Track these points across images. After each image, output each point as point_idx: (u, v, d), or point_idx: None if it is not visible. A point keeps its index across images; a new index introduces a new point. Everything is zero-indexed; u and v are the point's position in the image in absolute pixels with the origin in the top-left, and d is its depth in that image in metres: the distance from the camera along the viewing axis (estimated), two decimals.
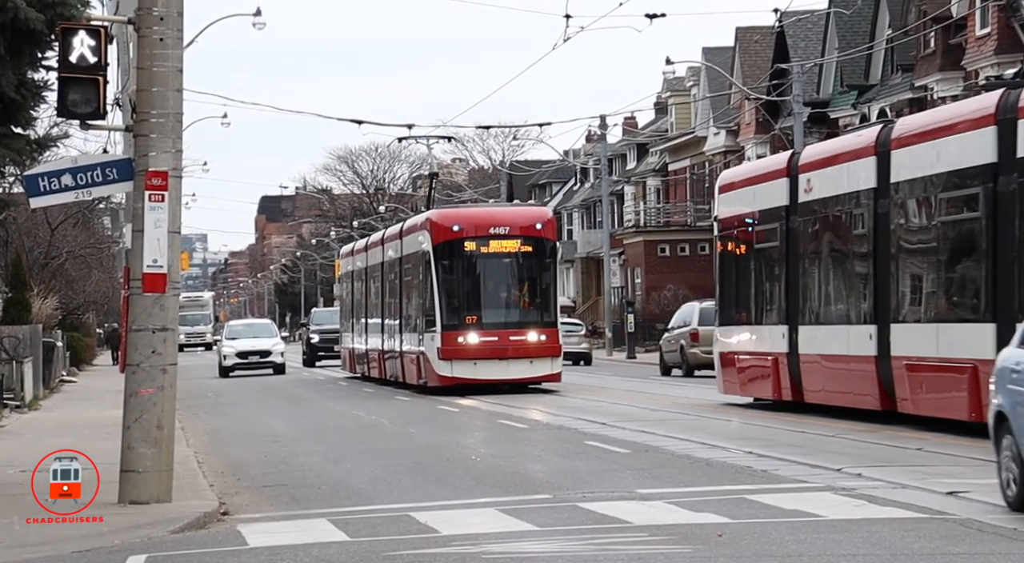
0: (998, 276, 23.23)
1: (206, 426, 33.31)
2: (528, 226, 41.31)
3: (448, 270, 41.11)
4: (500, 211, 43.99)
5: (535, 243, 41.15)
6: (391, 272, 48.34)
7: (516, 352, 40.40)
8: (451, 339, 40.41)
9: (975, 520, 14.73)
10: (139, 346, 17.95)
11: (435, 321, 40.76)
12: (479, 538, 14.77)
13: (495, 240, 41.04)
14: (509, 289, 41.51)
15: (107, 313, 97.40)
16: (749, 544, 13.86)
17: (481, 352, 40.40)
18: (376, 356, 50.73)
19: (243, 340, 63.31)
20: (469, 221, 41.55)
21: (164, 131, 18.04)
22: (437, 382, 40.91)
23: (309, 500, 18.75)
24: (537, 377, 40.85)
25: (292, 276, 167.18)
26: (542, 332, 40.54)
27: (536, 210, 44.38)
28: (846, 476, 18.78)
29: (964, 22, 54.62)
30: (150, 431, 17.89)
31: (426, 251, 41.63)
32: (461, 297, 41.17)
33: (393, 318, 47.49)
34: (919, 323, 25.68)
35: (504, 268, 41.34)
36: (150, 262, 17.93)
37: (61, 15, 19.66)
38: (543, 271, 41.32)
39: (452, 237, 41.12)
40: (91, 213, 73.22)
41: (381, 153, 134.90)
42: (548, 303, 41.24)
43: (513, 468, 21.49)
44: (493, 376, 40.41)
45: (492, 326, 40.65)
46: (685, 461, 21.51)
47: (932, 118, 26.59)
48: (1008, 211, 22.95)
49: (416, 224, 44.61)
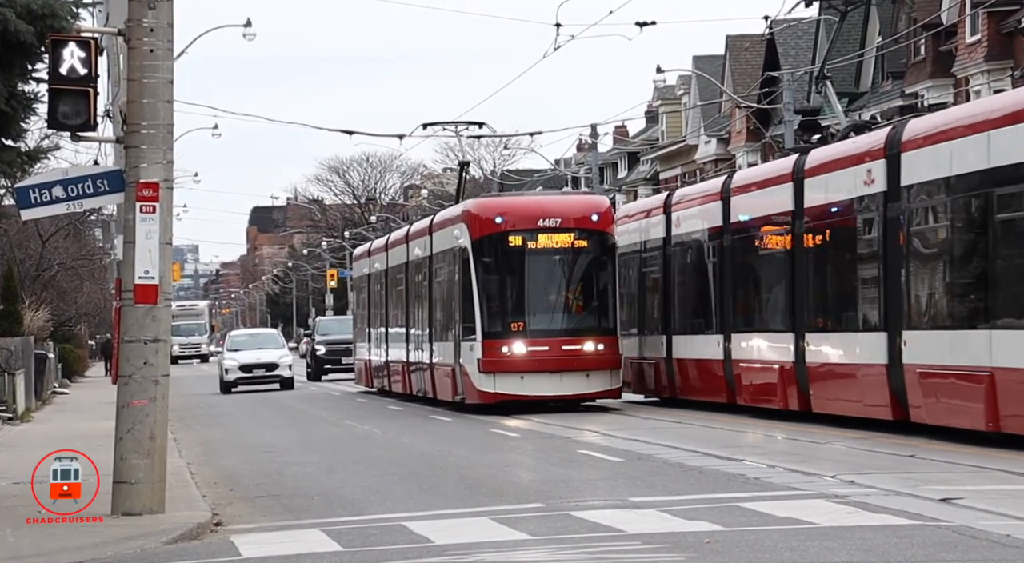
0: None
1: (199, 437, 33.29)
2: (583, 217, 35.82)
3: (490, 269, 35.84)
4: (550, 200, 37.43)
5: (590, 237, 35.76)
6: (418, 273, 42.65)
7: (570, 364, 35.02)
8: (494, 349, 35.22)
9: (968, 527, 14.69)
10: (131, 357, 17.95)
11: (475, 329, 35.58)
12: (472, 547, 14.76)
13: (544, 234, 35.67)
14: (561, 291, 35.94)
15: (99, 324, 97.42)
16: (742, 552, 13.85)
17: (529, 364, 35.08)
18: (400, 369, 45.20)
19: (247, 352, 57.11)
20: (514, 212, 36.06)
21: (155, 142, 18.05)
22: (477, 399, 35.67)
23: (302, 510, 18.75)
24: (594, 393, 35.39)
25: (284, 286, 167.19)
26: (600, 341, 35.16)
27: (592, 199, 38.20)
28: (839, 483, 18.77)
29: (954, 29, 54.74)
30: (143, 442, 17.89)
31: (463, 248, 36.31)
32: (505, 301, 35.86)
33: (421, 326, 41.85)
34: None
35: (555, 266, 35.83)
36: (142, 273, 17.93)
37: (51, 27, 19.68)
38: (600, 270, 35.82)
39: (494, 231, 35.72)
40: (82, 225, 73.22)
41: (372, 163, 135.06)
42: (606, 307, 35.76)
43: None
44: (543, 392, 35.14)
45: (541, 334, 35.27)
46: (678, 469, 21.52)
47: (758, 171, 35.15)
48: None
49: (450, 217, 38.70)
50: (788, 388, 29.70)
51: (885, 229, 25.87)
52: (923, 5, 55.52)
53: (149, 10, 17.90)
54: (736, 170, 36.19)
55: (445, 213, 40.37)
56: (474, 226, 36.01)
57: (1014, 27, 52.12)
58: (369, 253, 52.57)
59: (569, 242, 35.66)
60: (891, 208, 25.68)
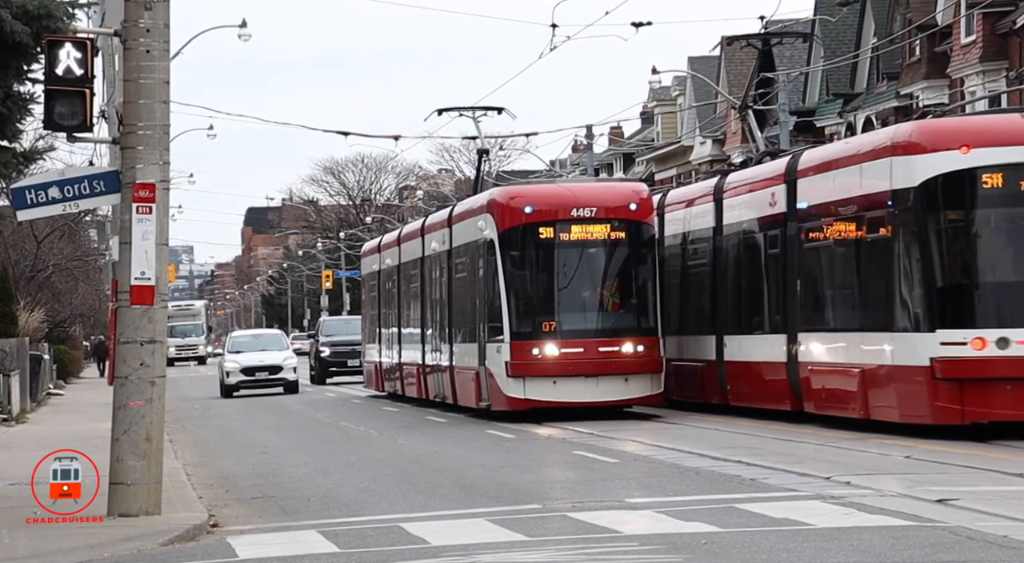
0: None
1: (194, 438, 33.27)
2: (620, 206, 32.70)
3: (518, 264, 32.75)
4: (584, 188, 34.04)
5: (629, 228, 32.66)
6: (436, 268, 39.39)
7: (607, 367, 31.89)
8: (523, 351, 32.13)
9: (965, 528, 14.70)
10: (127, 358, 17.94)
11: (501, 329, 32.50)
12: (469, 548, 14.75)
13: (579, 225, 32.45)
14: (597, 287, 32.69)
15: (94, 325, 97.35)
16: (739, 553, 13.85)
17: (562, 367, 31.93)
18: (415, 372, 41.60)
19: (249, 354, 53.64)
20: (545, 201, 32.93)
21: (151, 143, 18.04)
22: (504, 405, 32.54)
23: (298, 511, 18.73)
24: (633, 399, 32.35)
25: (279, 287, 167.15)
26: (639, 342, 32.08)
27: (629, 186, 34.55)
28: (835, 484, 18.77)
29: (949, 30, 54.78)
30: (139, 443, 17.87)
31: (489, 240, 33.26)
32: (535, 298, 32.67)
33: (440, 326, 38.62)
34: None
35: (590, 260, 32.68)
36: (138, 274, 17.91)
37: (47, 28, 19.67)
38: (639, 264, 32.70)
39: (523, 221, 32.63)
40: (77, 225, 73.21)
41: (367, 164, 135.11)
42: (646, 304, 32.59)
43: (503, 478, 21.48)
44: (577, 398, 31.93)
45: (575, 334, 32.19)
46: (674, 470, 21.53)
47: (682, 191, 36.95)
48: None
49: (473, 207, 35.58)
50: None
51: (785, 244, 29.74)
52: (918, 6, 55.56)
53: (145, 11, 17.90)
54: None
55: (467, 203, 37.38)
56: (501, 217, 32.99)
57: (1009, 28, 52.15)
58: (379, 248, 49.13)
59: (605, 233, 32.62)
60: (790, 227, 29.45)
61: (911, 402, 25.08)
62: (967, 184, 24.58)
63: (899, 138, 25.60)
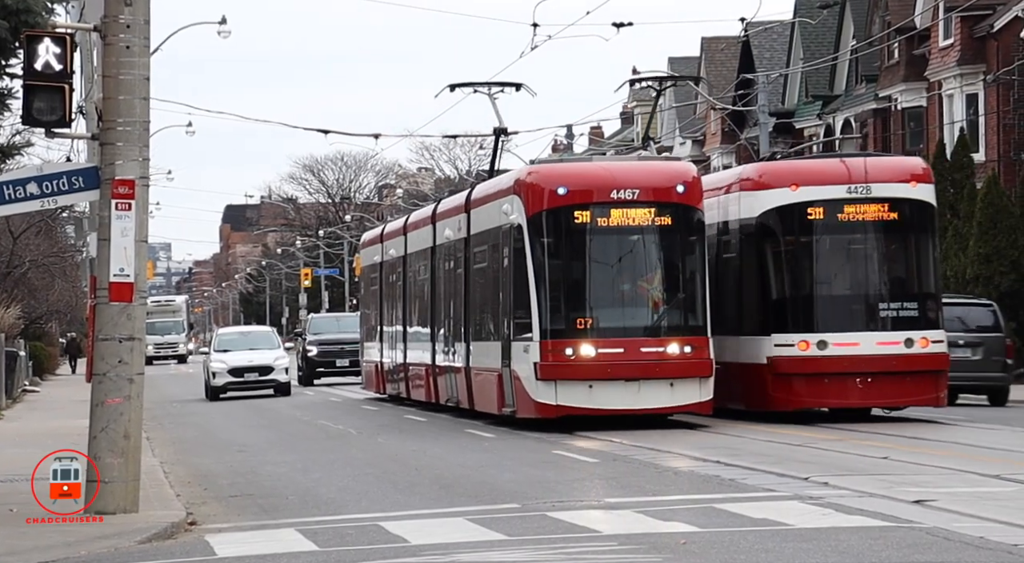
0: None
1: (172, 436, 33.20)
2: (666, 188, 29.17)
3: (550, 252, 29.03)
4: (625, 167, 30.32)
5: (675, 212, 29.10)
6: (450, 259, 35.75)
7: (650, 370, 28.33)
8: (555, 351, 28.49)
9: (942, 528, 14.73)
10: (106, 356, 17.89)
11: (530, 326, 28.81)
12: (449, 547, 14.74)
13: (618, 208, 28.89)
14: (639, 279, 29.14)
15: (71, 322, 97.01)
16: (718, 553, 13.86)
17: (599, 370, 28.33)
18: (423, 373, 37.85)
19: (237, 353, 49.28)
20: (581, 181, 29.31)
21: (131, 139, 17.99)
22: (532, 412, 28.94)
23: (277, 510, 18.71)
24: (679, 407, 28.67)
25: (257, 285, 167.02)
26: (687, 342, 28.52)
27: (676, 166, 30.84)
28: (813, 485, 18.80)
29: (928, 33, 54.97)
30: (117, 441, 17.83)
31: (516, 226, 29.52)
32: (569, 291, 29.04)
33: (454, 322, 34.97)
34: None
35: (632, 249, 29.15)
36: (117, 271, 17.87)
37: (26, 23, 19.59)
38: (687, 253, 29.19)
39: (557, 204, 29.00)
40: (54, 222, 73.00)
41: (347, 162, 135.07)
42: (694, 299, 29.10)
43: (482, 477, 21.48)
44: (615, 405, 28.38)
45: (615, 332, 28.64)
46: (652, 470, 21.53)
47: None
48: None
49: (497, 189, 31.81)
50: None
51: None
52: (897, 9, 55.74)
53: (126, 6, 17.85)
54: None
55: (489, 185, 33.56)
56: (531, 199, 29.30)
57: (987, 31, 52.35)
58: (382, 238, 44.93)
59: (649, 219, 28.96)
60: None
61: (753, 393, 30.16)
62: (796, 216, 29.67)
63: (744, 175, 31.00)
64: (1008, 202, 45.47)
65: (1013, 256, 44.70)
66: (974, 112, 52.82)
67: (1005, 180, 48.39)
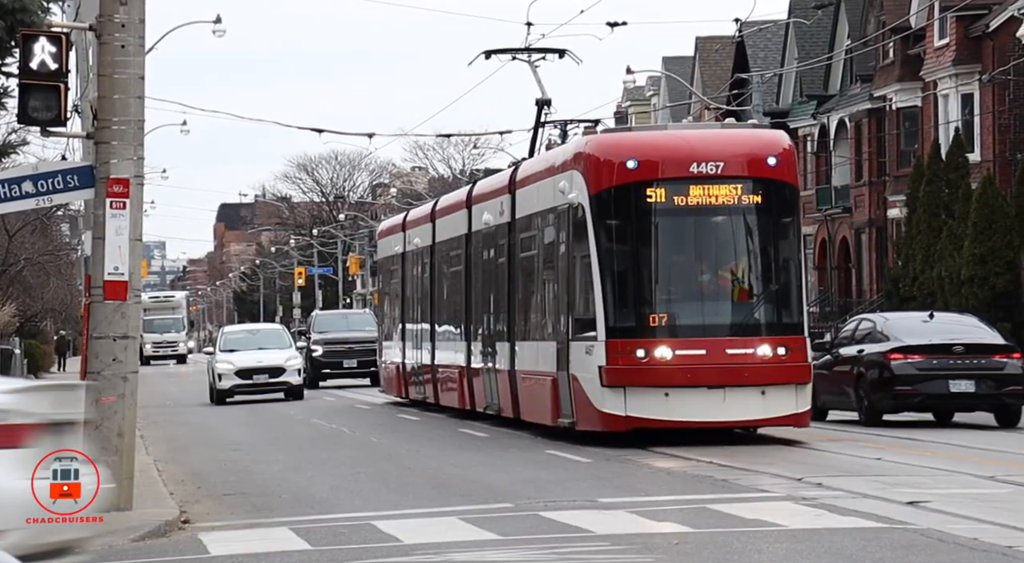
0: None
1: (165, 434, 33.21)
2: (755, 160, 25.05)
3: (618, 236, 24.97)
4: (706, 136, 26.19)
5: (766, 189, 25.00)
6: (489, 246, 31.54)
7: (738, 376, 24.33)
8: (624, 353, 24.43)
9: (936, 530, 14.75)
10: (100, 354, 17.92)
11: (593, 323, 24.82)
12: (442, 547, 14.76)
13: (699, 185, 24.76)
14: (723, 268, 25.15)
15: (65, 320, 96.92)
16: (711, 553, 13.89)
17: (677, 375, 24.33)
18: (455, 376, 33.84)
19: (245, 353, 45.15)
20: (655, 153, 25.15)
21: (126, 138, 18.03)
22: (596, 424, 24.92)
23: (270, 508, 18.73)
24: (771, 419, 24.68)
25: (251, 284, 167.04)
26: (781, 342, 24.57)
27: (767, 135, 26.58)
28: (807, 485, 18.80)
29: (923, 33, 55.03)
30: (111, 439, 17.86)
31: (576, 206, 25.52)
32: (641, 282, 24.90)
33: (495, 318, 30.95)
34: None
35: (714, 233, 25.17)
36: (111, 270, 17.90)
37: (22, 22, 19.67)
38: (780, 237, 25.09)
39: (626, 180, 24.91)
40: (49, 220, 73.04)
41: (341, 161, 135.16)
42: (789, 292, 25.03)
43: (475, 477, 21.50)
44: (697, 416, 24.35)
45: (695, 331, 24.69)
46: (645, 470, 21.53)
47: None
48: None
49: (552, 163, 27.66)
50: None
51: None
52: (892, 8, 55.81)
53: (121, 6, 17.88)
54: None
55: (539, 161, 29.90)
56: (594, 174, 25.17)
57: (982, 31, 52.41)
58: (404, 226, 40.50)
59: (735, 197, 24.87)
60: None
61: None
62: None
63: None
64: (1003, 203, 45.54)
65: (1008, 256, 44.76)
66: (969, 112, 52.89)
67: (1000, 180, 48.45)
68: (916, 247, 47.41)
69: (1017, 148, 50.97)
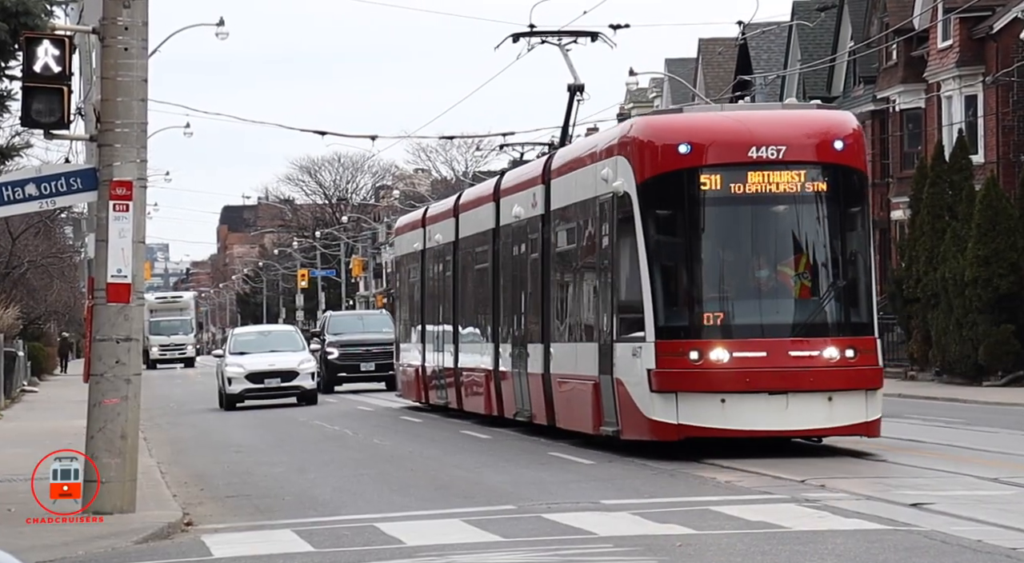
0: None
1: (169, 436, 33.26)
2: (820, 144, 23.05)
3: (669, 228, 23.04)
4: (765, 118, 23.95)
5: (833, 175, 22.98)
6: (520, 240, 29.54)
7: (801, 380, 22.33)
8: (676, 355, 22.43)
9: (939, 532, 14.76)
10: (103, 356, 17.95)
11: (641, 322, 22.80)
12: (445, 549, 14.78)
13: (758, 171, 22.73)
14: (784, 262, 23.05)
15: (69, 322, 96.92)
16: (715, 555, 13.90)
17: (735, 379, 22.29)
18: (481, 380, 32.11)
19: (256, 356, 43.16)
20: (710, 135, 23.08)
21: (129, 141, 18.06)
22: (645, 432, 22.93)
23: (273, 510, 18.77)
24: (839, 428, 22.70)
25: (254, 286, 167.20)
26: (849, 343, 22.54)
27: (832, 116, 24.21)
28: (810, 488, 18.80)
29: (926, 34, 55.03)
30: (114, 441, 17.90)
31: (620, 196, 23.45)
32: (694, 278, 22.85)
33: (526, 317, 29.04)
34: None
35: (775, 223, 23.15)
36: (114, 272, 17.94)
37: (25, 25, 19.65)
38: (847, 228, 23.05)
39: (677, 166, 22.91)
40: (53, 222, 73.16)
41: (344, 164, 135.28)
42: (857, 288, 23.01)
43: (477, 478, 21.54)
44: (757, 425, 22.38)
45: (754, 331, 22.62)
46: (648, 471, 21.57)
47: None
48: None
49: (592, 150, 25.59)
50: None
51: None
52: (895, 10, 55.83)
53: (124, 8, 17.92)
54: None
55: (577, 148, 27.81)
56: (642, 160, 23.18)
57: (986, 33, 52.41)
58: (424, 222, 38.71)
59: (798, 184, 22.81)
60: None
61: None
62: None
63: None
64: (1007, 204, 45.54)
65: (1012, 258, 44.76)
66: (973, 113, 52.88)
67: (1004, 182, 48.46)
68: (920, 249, 47.40)
69: (1021, 149, 50.97)
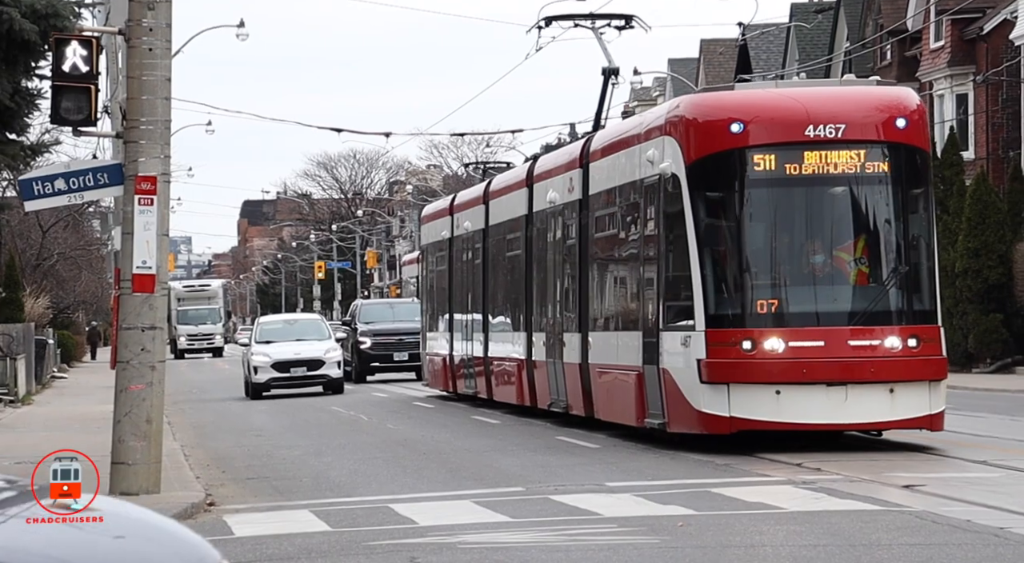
0: None
1: (192, 421, 33.59)
2: (883, 121, 21.57)
3: (719, 211, 21.59)
4: (823, 95, 22.27)
5: (895, 156, 21.54)
6: (555, 227, 28.36)
7: (861, 371, 20.92)
8: (727, 344, 21.09)
9: (930, 512, 15.00)
10: (129, 344, 18.39)
11: (691, 309, 21.51)
12: (455, 529, 15.04)
13: (816, 150, 21.27)
14: (844, 248, 21.56)
15: (96, 312, 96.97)
16: (714, 535, 14.13)
17: (790, 370, 20.92)
18: (513, 370, 31.00)
19: (282, 344, 42.29)
20: (763, 113, 21.57)
21: (153, 137, 18.49)
22: (694, 425, 21.62)
23: (292, 492, 19.07)
24: (902, 422, 21.39)
25: (273, 277, 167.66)
26: (911, 332, 21.20)
27: (892, 93, 22.60)
28: (806, 470, 19.03)
29: (919, 35, 55.67)
30: (139, 425, 18.33)
31: (668, 177, 22.08)
32: (747, 263, 21.42)
33: (561, 305, 27.83)
34: None
35: (833, 206, 21.65)
36: (139, 263, 18.35)
37: (54, 26, 20.14)
38: (910, 212, 21.63)
39: (729, 146, 21.46)
40: (81, 216, 73.91)
41: (359, 160, 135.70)
42: (920, 274, 21.60)
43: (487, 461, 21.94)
44: (814, 418, 20.99)
45: (811, 320, 21.18)
46: (651, 455, 21.87)
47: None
48: None
49: (636, 130, 24.21)
50: None
51: None
52: (890, 12, 56.44)
53: (148, 11, 18.37)
54: None
55: (618, 129, 26.46)
56: (691, 140, 21.79)
57: (976, 34, 53.01)
58: (451, 210, 37.69)
59: (857, 164, 21.33)
60: None
61: None
62: None
63: None
64: (996, 198, 46.28)
65: (1001, 250, 45.46)
66: (964, 112, 53.45)
67: (993, 177, 49.18)
68: None
69: (1010, 146, 51.55)
